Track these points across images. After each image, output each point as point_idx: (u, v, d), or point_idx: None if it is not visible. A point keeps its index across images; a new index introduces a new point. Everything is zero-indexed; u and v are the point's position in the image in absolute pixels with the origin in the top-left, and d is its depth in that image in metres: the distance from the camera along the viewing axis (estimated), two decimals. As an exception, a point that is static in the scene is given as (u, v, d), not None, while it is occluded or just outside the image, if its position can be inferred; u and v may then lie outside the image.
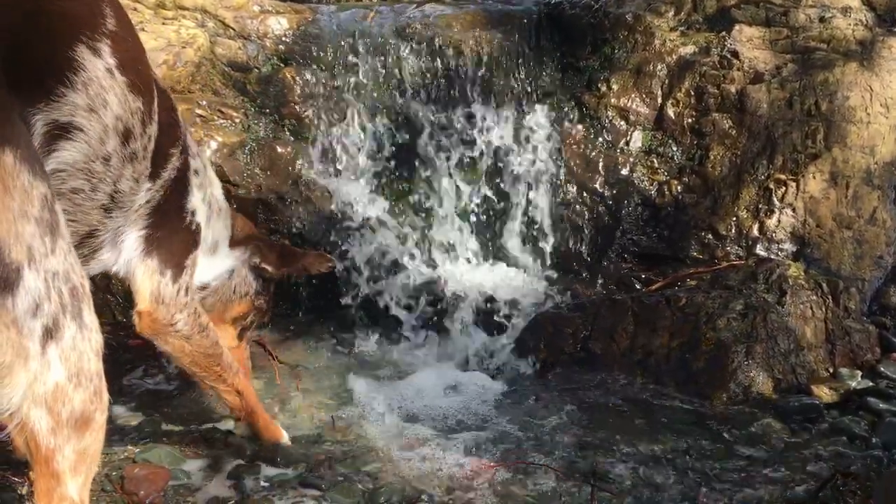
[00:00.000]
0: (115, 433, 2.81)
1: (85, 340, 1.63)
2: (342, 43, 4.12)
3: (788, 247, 3.90)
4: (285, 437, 2.79)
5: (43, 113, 1.74)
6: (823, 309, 3.41)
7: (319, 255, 2.97)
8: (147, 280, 2.33)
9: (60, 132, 1.81)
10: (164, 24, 3.98)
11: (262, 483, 2.53)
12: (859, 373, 3.30)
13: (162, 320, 2.38)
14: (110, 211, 2.11)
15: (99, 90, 1.85)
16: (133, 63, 1.97)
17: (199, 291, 2.65)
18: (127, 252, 2.28)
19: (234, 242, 2.77)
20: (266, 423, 2.79)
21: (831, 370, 3.32)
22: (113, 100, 1.90)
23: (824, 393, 3.14)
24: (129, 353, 3.51)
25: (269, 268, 2.83)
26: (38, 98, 1.73)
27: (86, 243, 2.11)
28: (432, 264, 3.93)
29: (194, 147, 2.53)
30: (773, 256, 3.85)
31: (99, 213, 2.06)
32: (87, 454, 1.68)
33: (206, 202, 2.58)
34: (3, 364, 1.51)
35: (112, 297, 3.64)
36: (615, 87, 4.15)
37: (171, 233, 2.38)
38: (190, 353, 2.49)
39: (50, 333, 1.55)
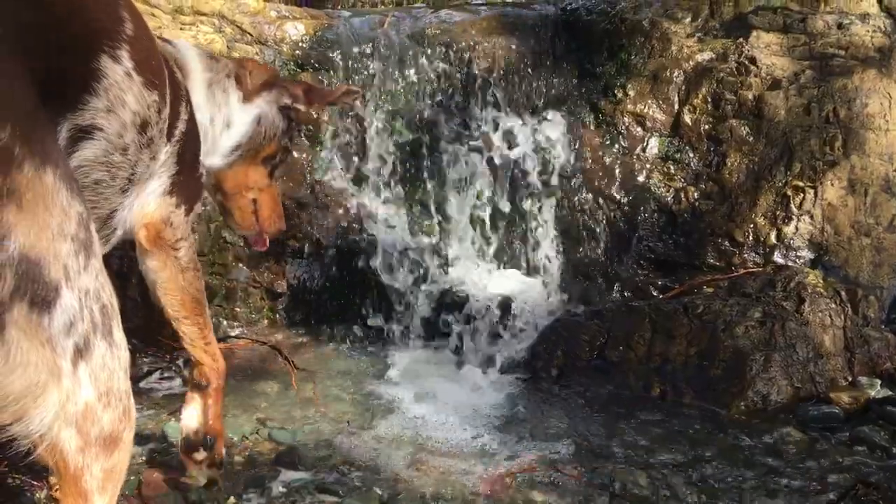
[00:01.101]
0: (133, 437, 2.82)
1: (115, 359, 1.62)
2: (359, 49, 4.13)
3: (806, 254, 3.88)
4: (220, 450, 2.59)
5: (68, 121, 1.77)
6: (842, 317, 3.39)
7: (348, 88, 2.95)
8: (162, 207, 2.33)
9: (83, 134, 1.83)
10: (181, 29, 3.99)
11: (280, 489, 2.53)
12: (878, 381, 3.27)
13: (167, 239, 2.37)
14: (128, 191, 2.13)
15: (118, 93, 1.88)
16: (147, 60, 2.00)
17: (231, 154, 2.69)
18: (143, 196, 2.27)
19: (249, 93, 2.72)
20: (219, 413, 2.62)
21: (850, 379, 3.29)
22: (131, 99, 1.93)
23: (844, 402, 3.11)
24: (145, 357, 3.53)
25: (300, 106, 2.82)
26: (65, 109, 1.76)
27: (108, 223, 2.13)
28: (448, 270, 3.93)
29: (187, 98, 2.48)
30: (790, 264, 3.83)
31: (119, 196, 2.10)
32: (114, 472, 1.67)
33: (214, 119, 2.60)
34: (38, 383, 1.50)
35: (128, 300, 3.64)
36: (632, 93, 4.15)
37: (188, 179, 2.40)
38: (182, 289, 2.43)
39: (81, 352, 1.54)
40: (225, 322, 3.82)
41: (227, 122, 2.67)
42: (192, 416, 2.57)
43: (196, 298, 2.47)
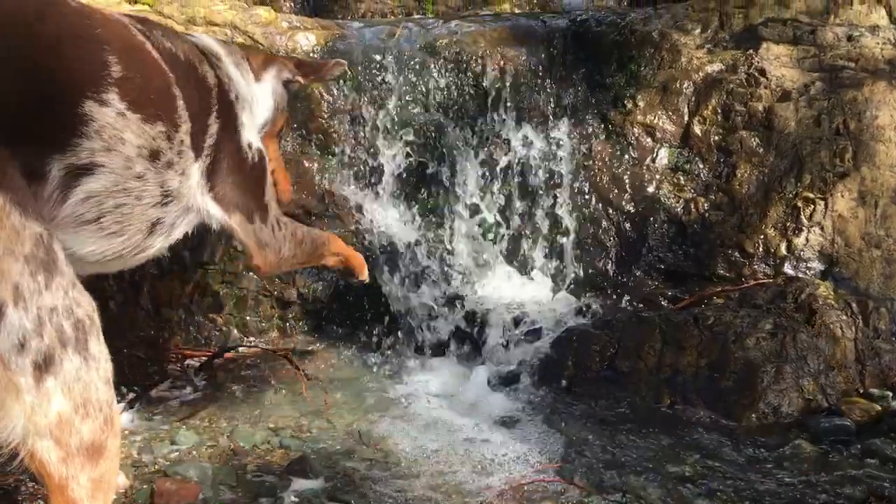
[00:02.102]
0: (145, 446, 2.83)
1: (91, 371, 1.69)
2: (369, 59, 4.14)
3: (816, 265, 3.88)
4: (365, 273, 3.20)
5: (58, 161, 1.84)
6: (853, 329, 3.39)
7: (336, 62, 3.11)
8: (243, 234, 2.54)
9: (81, 171, 1.90)
10: (194, 39, 4.01)
11: (292, 497, 2.53)
12: (890, 394, 3.26)
13: (273, 260, 2.64)
14: (168, 203, 2.21)
15: (113, 132, 1.95)
16: (145, 95, 2.06)
17: (261, 130, 2.81)
18: (213, 217, 2.44)
19: (258, 73, 2.85)
20: (361, 262, 3.18)
21: (861, 391, 3.29)
22: (130, 136, 2.00)
23: (855, 414, 3.11)
24: (155, 366, 3.54)
25: (299, 79, 2.99)
26: (52, 150, 1.84)
27: (154, 231, 2.21)
28: (458, 279, 3.93)
29: (227, 79, 2.58)
30: (801, 275, 3.83)
31: (155, 210, 2.18)
32: (103, 481, 1.74)
33: (250, 109, 2.70)
34: None
35: (140, 310, 3.66)
36: (641, 103, 4.15)
37: (241, 179, 2.51)
38: (300, 262, 2.86)
39: (42, 367, 1.60)
40: (235, 330, 3.83)
41: (256, 99, 2.77)
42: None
43: (310, 254, 2.85)
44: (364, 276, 3.20)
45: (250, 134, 2.62)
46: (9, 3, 1.82)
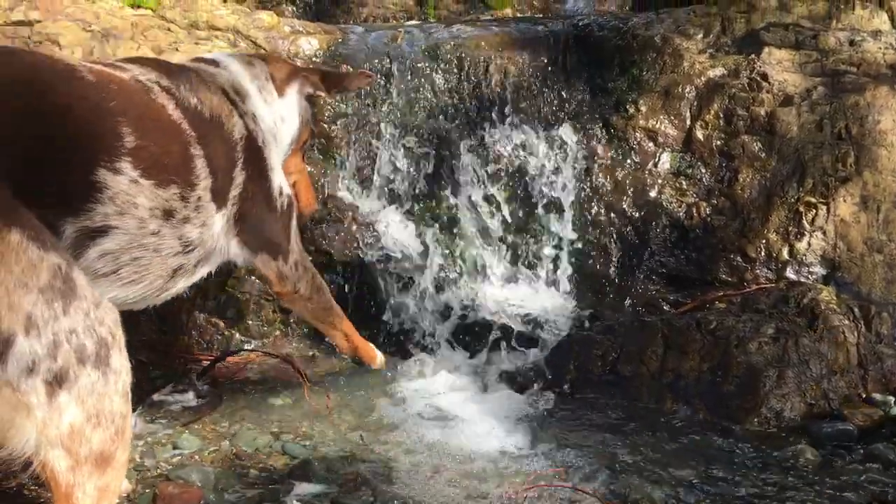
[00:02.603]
0: (148, 450, 2.83)
1: (109, 384, 1.76)
2: (372, 63, 4.15)
3: (819, 270, 3.88)
4: (380, 359, 3.30)
5: (72, 224, 1.94)
6: (855, 333, 3.38)
7: (361, 72, 3.21)
8: (267, 269, 2.73)
9: (96, 233, 2.01)
10: (197, 44, 4.02)
11: (295, 502, 2.53)
12: (892, 398, 3.26)
13: (290, 291, 2.83)
14: (189, 252, 2.33)
15: (126, 198, 2.05)
16: (158, 161, 2.15)
17: (289, 148, 2.93)
18: (238, 256, 2.61)
19: (280, 87, 2.90)
20: (370, 354, 3.26)
21: (864, 395, 3.28)
22: (142, 200, 2.10)
23: (857, 419, 3.11)
24: (157, 370, 3.54)
25: (322, 94, 3.07)
26: (65, 212, 1.93)
27: (176, 275, 2.33)
28: (460, 283, 3.93)
29: (254, 123, 2.65)
30: (803, 280, 3.82)
31: (177, 258, 2.32)
32: (108, 490, 1.79)
33: (275, 142, 2.80)
34: (3, 419, 1.68)
35: (142, 314, 3.65)
36: (643, 108, 4.16)
37: (269, 221, 2.66)
38: (312, 310, 3.00)
39: (55, 384, 1.67)
40: (237, 335, 3.83)
41: (282, 119, 2.85)
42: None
43: (324, 309, 3.02)
44: (377, 365, 3.30)
45: (279, 176, 2.73)
46: (24, 73, 1.92)
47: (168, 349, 3.59)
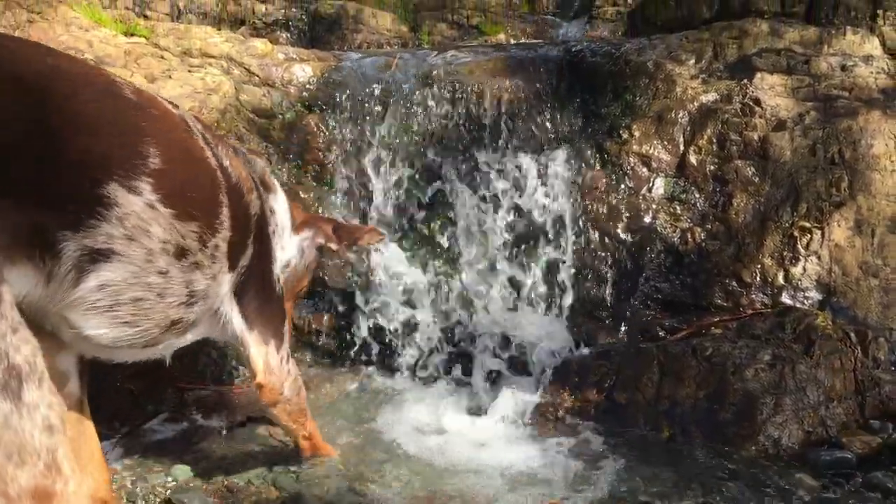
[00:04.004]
0: (138, 478, 2.80)
1: (25, 419, 1.61)
2: (366, 90, 4.15)
3: (814, 295, 3.86)
4: (336, 453, 3.05)
5: (73, 240, 1.81)
6: (852, 359, 3.36)
7: (372, 229, 3.19)
8: (255, 351, 2.58)
9: (98, 256, 1.87)
10: (190, 71, 4.03)
11: (287, 537, 2.50)
12: (890, 425, 3.23)
13: (275, 390, 2.66)
14: (193, 304, 2.20)
15: (138, 222, 1.92)
16: (182, 192, 2.04)
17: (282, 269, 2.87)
18: (233, 327, 2.48)
19: (296, 228, 2.96)
20: (328, 450, 3.03)
21: (862, 422, 3.25)
22: (157, 229, 1.97)
23: (856, 446, 3.07)
24: (149, 400, 3.50)
25: (333, 246, 3.05)
26: (67, 224, 1.80)
27: (171, 330, 2.19)
28: (455, 309, 3.91)
29: (268, 206, 2.67)
30: (798, 305, 3.80)
31: (178, 310, 2.16)
32: None
33: (284, 236, 2.82)
34: None
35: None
36: (637, 133, 4.16)
37: (267, 303, 2.59)
38: (289, 412, 2.78)
39: None
40: (231, 363, 3.79)
41: (283, 248, 2.83)
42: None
43: (300, 411, 2.83)
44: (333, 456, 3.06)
45: (279, 269, 2.73)
46: (41, 73, 1.80)
47: (158, 379, 3.55)
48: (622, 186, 4.12)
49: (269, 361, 2.59)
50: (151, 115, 2.03)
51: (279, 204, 2.78)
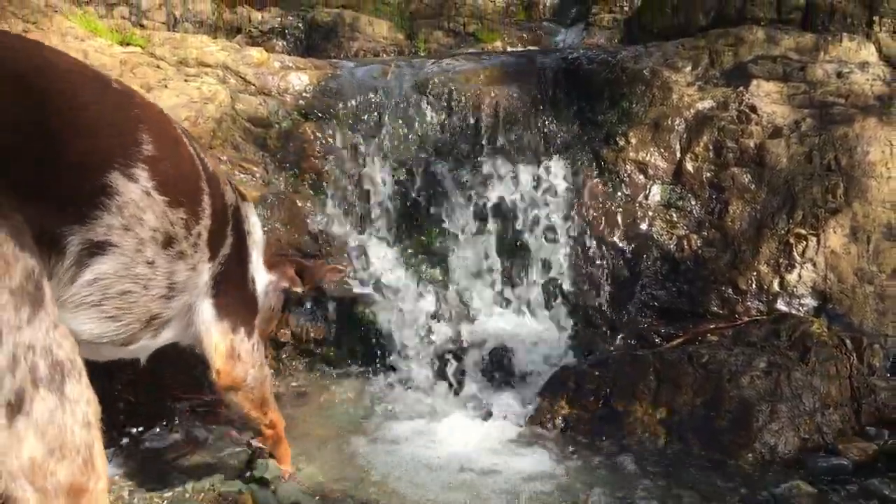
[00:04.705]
0: (135, 489, 2.79)
1: (67, 414, 1.63)
2: (362, 98, 4.16)
3: (810, 302, 3.87)
4: (285, 466, 2.95)
5: (78, 234, 1.81)
6: (848, 366, 3.36)
7: (333, 268, 3.21)
8: (223, 339, 2.50)
9: (96, 249, 1.87)
10: (186, 80, 4.03)
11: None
12: (886, 432, 3.23)
13: (239, 376, 2.57)
14: (172, 298, 2.20)
15: (135, 211, 1.93)
16: (174, 180, 2.06)
17: None
18: (201, 319, 2.43)
19: (267, 263, 2.93)
20: (286, 452, 2.97)
21: (858, 429, 3.25)
22: (150, 217, 1.98)
23: (852, 453, 3.07)
24: (146, 409, 3.50)
25: (297, 289, 3.01)
26: (72, 219, 1.80)
27: (149, 326, 2.19)
28: (450, 317, 3.91)
29: (243, 208, 2.67)
30: (794, 311, 3.81)
31: (159, 303, 2.17)
32: None
33: (259, 255, 2.79)
34: None
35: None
36: (633, 140, 4.17)
37: (239, 298, 2.57)
38: (252, 401, 2.70)
39: (16, 407, 1.54)
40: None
41: (253, 280, 2.78)
42: (271, 467, 2.88)
43: (264, 400, 2.76)
44: (285, 467, 2.96)
45: (252, 270, 2.70)
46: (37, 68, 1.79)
47: (155, 388, 3.54)
48: (619, 194, 4.12)
49: (234, 347, 2.53)
50: (139, 102, 2.05)
51: (253, 215, 2.77)
